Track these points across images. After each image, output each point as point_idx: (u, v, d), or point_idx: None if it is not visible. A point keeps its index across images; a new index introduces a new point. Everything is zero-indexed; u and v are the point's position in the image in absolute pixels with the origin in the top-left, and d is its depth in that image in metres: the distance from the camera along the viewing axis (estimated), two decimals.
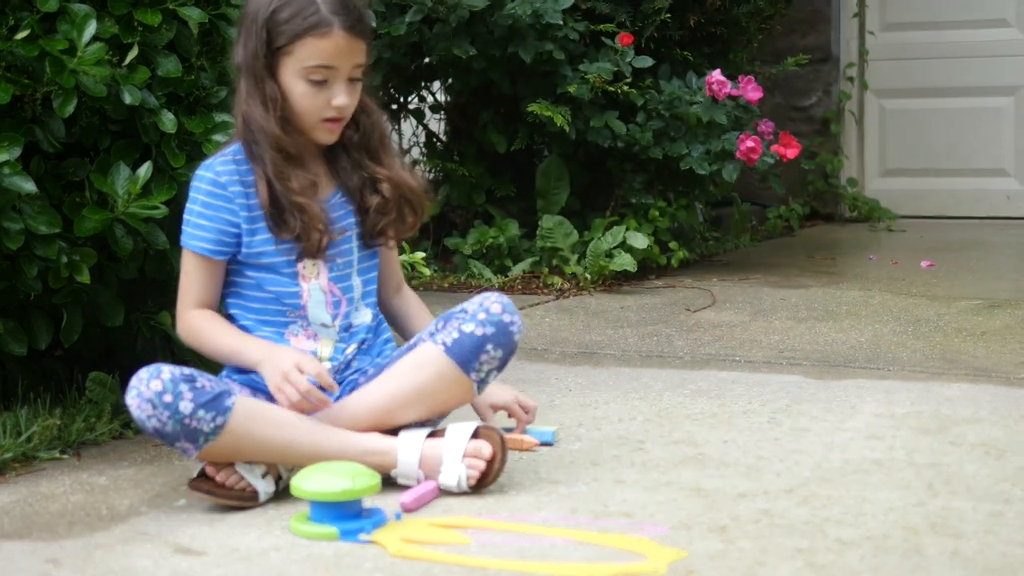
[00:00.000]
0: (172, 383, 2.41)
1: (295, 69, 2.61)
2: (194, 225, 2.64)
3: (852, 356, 3.83)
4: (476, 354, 2.64)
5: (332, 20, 2.59)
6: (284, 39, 2.60)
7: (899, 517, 2.36)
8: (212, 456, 2.48)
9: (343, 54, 2.61)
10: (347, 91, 2.64)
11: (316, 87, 2.61)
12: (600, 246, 5.10)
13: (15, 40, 2.83)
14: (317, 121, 2.65)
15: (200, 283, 2.66)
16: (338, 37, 2.59)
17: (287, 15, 2.59)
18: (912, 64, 7.51)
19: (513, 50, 5.23)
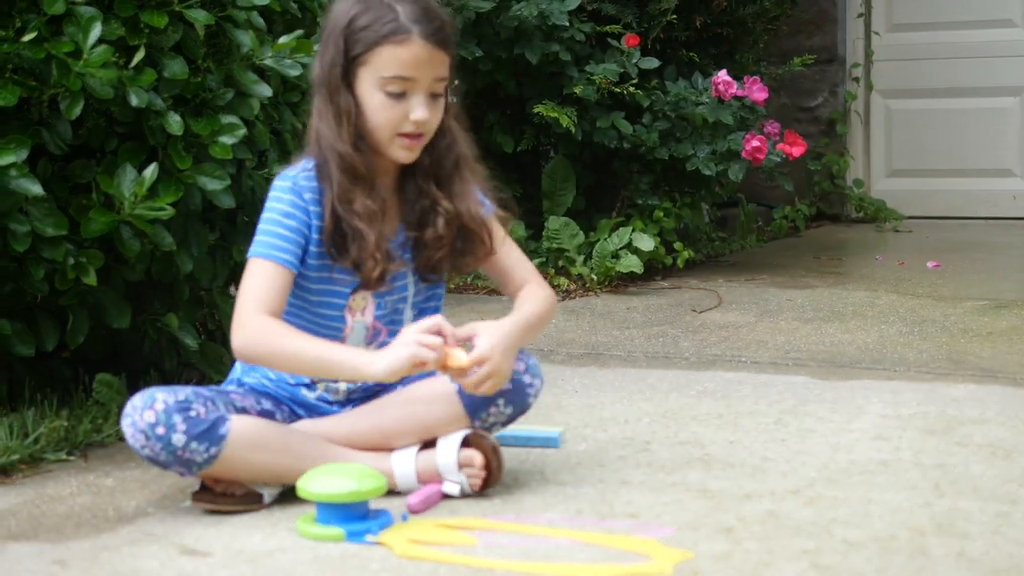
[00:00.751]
0: (165, 414, 2.38)
1: (372, 79, 2.48)
2: (272, 234, 2.50)
3: (858, 357, 3.83)
4: (487, 406, 2.62)
5: (411, 28, 2.46)
6: (361, 47, 2.48)
7: (905, 518, 2.36)
8: (208, 476, 2.48)
9: (422, 64, 2.47)
10: (427, 105, 2.49)
11: (393, 99, 2.48)
12: (606, 247, 5.10)
13: (22, 42, 2.83)
14: (393, 136, 2.51)
15: (272, 292, 2.47)
16: (417, 45, 2.46)
17: (365, 22, 2.48)
18: (918, 65, 7.51)
19: (519, 51, 5.24)
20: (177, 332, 3.21)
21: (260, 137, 3.24)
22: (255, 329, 2.43)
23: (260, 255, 2.49)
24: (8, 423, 2.89)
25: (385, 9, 2.48)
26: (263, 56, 3.20)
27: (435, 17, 2.50)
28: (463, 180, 2.62)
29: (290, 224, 2.51)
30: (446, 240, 2.60)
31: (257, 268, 2.49)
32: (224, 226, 3.37)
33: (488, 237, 2.63)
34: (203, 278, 3.25)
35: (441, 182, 2.60)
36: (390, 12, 2.47)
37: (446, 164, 2.60)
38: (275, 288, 2.48)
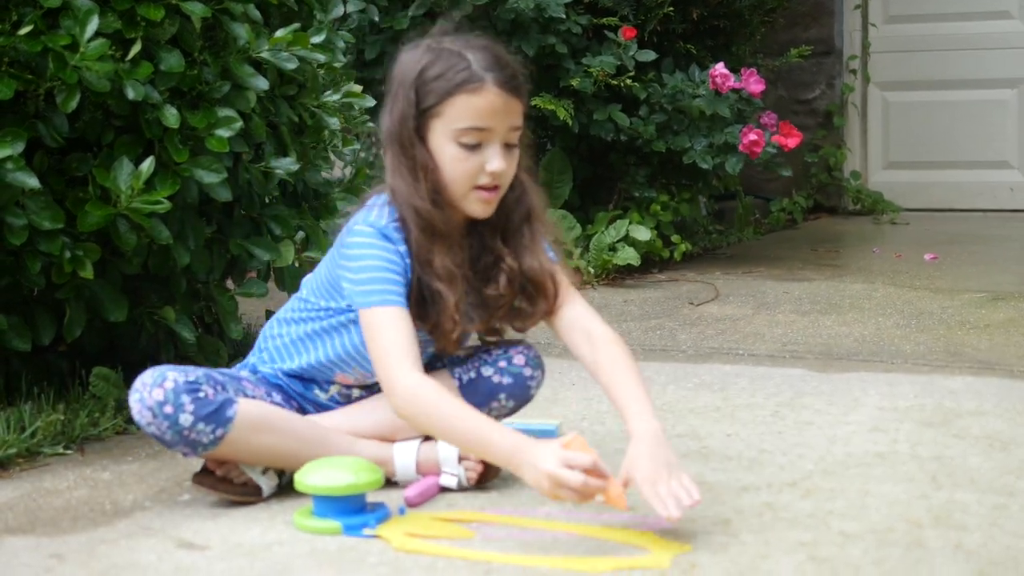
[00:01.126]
0: (174, 393, 2.37)
1: (446, 131, 2.39)
2: (384, 280, 2.39)
3: (855, 349, 3.83)
4: (488, 400, 2.64)
5: (484, 76, 2.37)
6: (434, 98, 2.39)
7: (902, 510, 2.36)
8: (212, 457, 2.48)
9: (497, 113, 2.38)
10: (501, 156, 2.39)
11: (468, 151, 2.38)
12: (603, 240, 5.10)
13: (18, 35, 2.82)
14: (468, 190, 2.41)
15: (409, 340, 2.36)
16: (491, 94, 2.37)
17: (436, 72, 2.39)
18: (915, 57, 7.51)
19: (516, 44, 5.23)
20: (174, 325, 3.20)
21: (257, 130, 3.24)
22: (411, 394, 2.31)
23: (381, 303, 2.38)
24: (5, 417, 2.89)
25: (456, 58, 2.40)
26: (260, 49, 3.19)
27: (507, 64, 2.42)
28: (532, 235, 2.52)
29: (395, 268, 2.40)
30: (507, 299, 2.52)
31: (384, 318, 2.37)
32: (221, 219, 3.37)
33: (552, 296, 2.54)
34: (200, 271, 3.25)
35: (508, 237, 2.51)
36: (462, 61, 2.39)
37: (514, 218, 2.51)
38: (408, 333, 2.36)
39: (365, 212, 2.47)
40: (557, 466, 2.16)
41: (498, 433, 2.26)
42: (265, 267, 3.51)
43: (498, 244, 2.50)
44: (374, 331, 2.37)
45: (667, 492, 2.18)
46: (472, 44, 2.43)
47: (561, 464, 2.17)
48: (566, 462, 2.17)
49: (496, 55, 2.42)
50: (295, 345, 2.61)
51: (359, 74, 5.09)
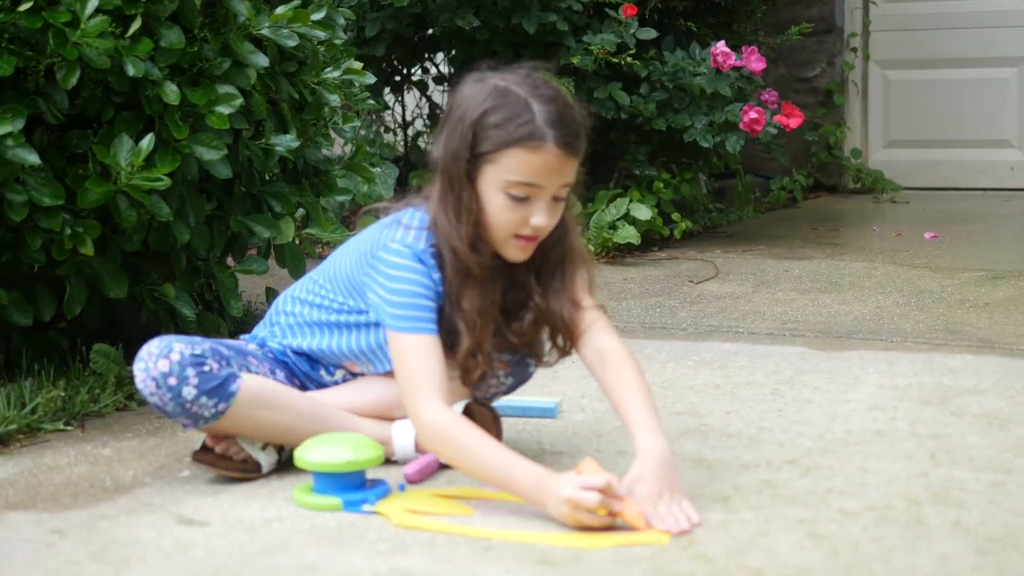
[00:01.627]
0: (179, 366, 2.37)
1: (496, 180, 2.34)
2: (417, 307, 2.38)
3: (855, 327, 3.84)
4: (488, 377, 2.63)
5: (547, 133, 2.31)
6: (490, 145, 2.33)
7: (901, 487, 2.37)
8: (212, 431, 2.48)
9: (552, 172, 2.33)
10: (548, 211, 2.36)
11: (516, 202, 2.34)
12: (603, 218, 5.10)
13: (18, 12, 2.82)
14: (509, 237, 2.38)
15: (437, 369, 2.35)
16: (550, 154, 2.32)
17: (498, 119, 2.33)
18: (916, 35, 7.49)
19: (516, 21, 5.22)
20: (174, 302, 3.21)
21: (257, 107, 3.24)
22: (436, 426, 2.30)
23: (412, 330, 2.37)
24: (5, 393, 2.89)
25: (521, 107, 2.34)
26: (260, 26, 3.19)
27: (571, 121, 2.36)
28: (564, 277, 2.49)
29: (428, 295, 2.39)
30: (529, 337, 2.51)
31: (414, 346, 2.36)
32: (221, 196, 3.36)
33: (570, 342, 2.51)
34: (200, 248, 3.25)
35: (541, 275, 2.49)
36: (526, 112, 2.33)
37: (551, 257, 2.48)
38: (437, 363, 2.35)
39: (403, 231, 2.43)
40: (574, 491, 2.17)
41: (522, 468, 2.24)
42: (265, 244, 3.51)
43: (531, 281, 2.48)
44: (404, 358, 2.36)
45: (666, 512, 2.20)
46: (540, 93, 2.37)
47: (578, 488, 2.17)
48: (582, 485, 2.17)
49: (561, 110, 2.36)
50: (309, 327, 2.61)
51: (359, 51, 5.10)
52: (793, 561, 2.03)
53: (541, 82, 2.40)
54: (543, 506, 2.21)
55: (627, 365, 2.44)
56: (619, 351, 2.47)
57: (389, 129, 6.23)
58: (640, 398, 2.38)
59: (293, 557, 2.10)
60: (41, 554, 2.14)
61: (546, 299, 2.48)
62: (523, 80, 2.39)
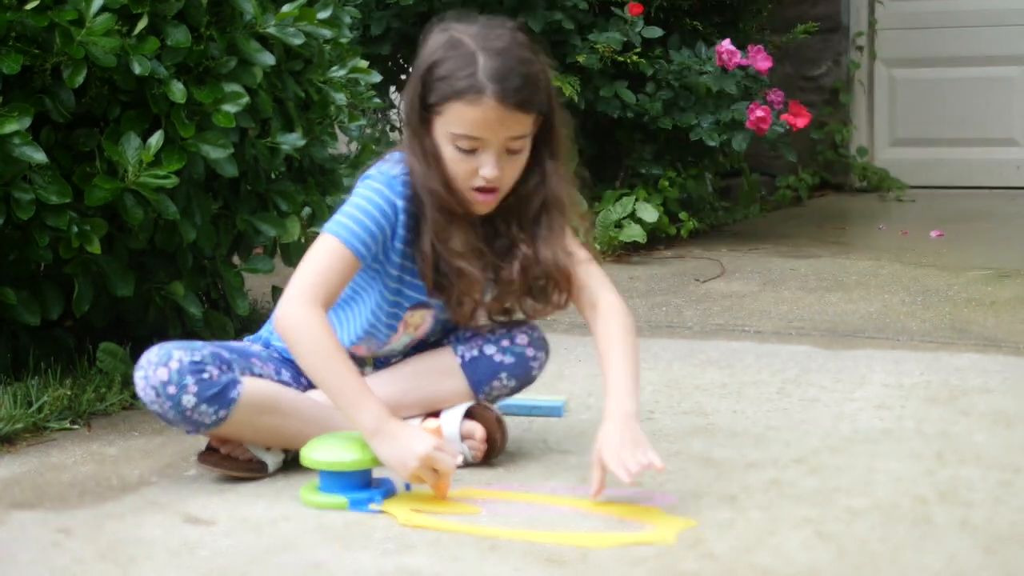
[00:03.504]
0: (178, 374, 2.37)
1: (443, 132, 2.39)
2: (356, 220, 2.40)
3: (861, 326, 3.83)
4: (490, 379, 2.64)
5: (486, 87, 2.33)
6: (435, 97, 2.37)
7: (908, 486, 2.37)
8: (214, 436, 2.49)
9: (491, 126, 2.35)
10: (498, 163, 2.37)
11: (464, 154, 2.38)
12: (609, 217, 5.09)
13: (25, 11, 2.82)
14: (467, 188, 2.41)
15: (334, 278, 2.37)
16: (487, 107, 2.33)
17: (443, 72, 2.36)
18: (922, 33, 7.48)
19: (522, 19, 5.21)
20: (181, 301, 3.21)
21: (263, 105, 3.24)
22: (300, 320, 2.34)
23: (337, 235, 2.39)
24: (12, 392, 2.89)
25: (466, 60, 2.36)
26: (266, 24, 3.19)
27: (516, 75, 2.35)
28: (550, 225, 2.49)
29: (376, 218, 2.41)
30: (518, 285, 2.51)
31: (329, 247, 2.39)
32: (227, 195, 3.36)
33: (566, 291, 2.52)
34: (206, 247, 3.25)
35: (524, 224, 2.49)
36: (470, 65, 2.35)
37: (531, 205, 2.48)
38: (339, 272, 2.38)
39: (382, 162, 2.49)
40: (434, 451, 2.26)
41: (371, 399, 2.32)
42: (271, 243, 3.51)
43: (513, 230, 2.50)
44: (313, 250, 2.41)
45: (629, 457, 2.26)
46: (491, 45, 2.38)
47: (436, 449, 2.27)
48: (439, 447, 2.27)
49: (507, 63, 2.36)
50: None
51: (365, 50, 5.09)
52: (800, 560, 2.03)
53: (499, 34, 2.42)
54: (378, 438, 2.29)
55: (616, 323, 2.50)
56: (612, 307, 2.52)
57: (395, 128, 6.23)
58: (620, 361, 2.44)
59: (299, 556, 2.10)
60: (47, 553, 2.14)
61: (534, 247, 2.49)
62: (479, 32, 2.42)
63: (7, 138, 2.76)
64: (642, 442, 2.30)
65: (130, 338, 3.24)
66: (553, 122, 2.47)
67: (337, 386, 2.32)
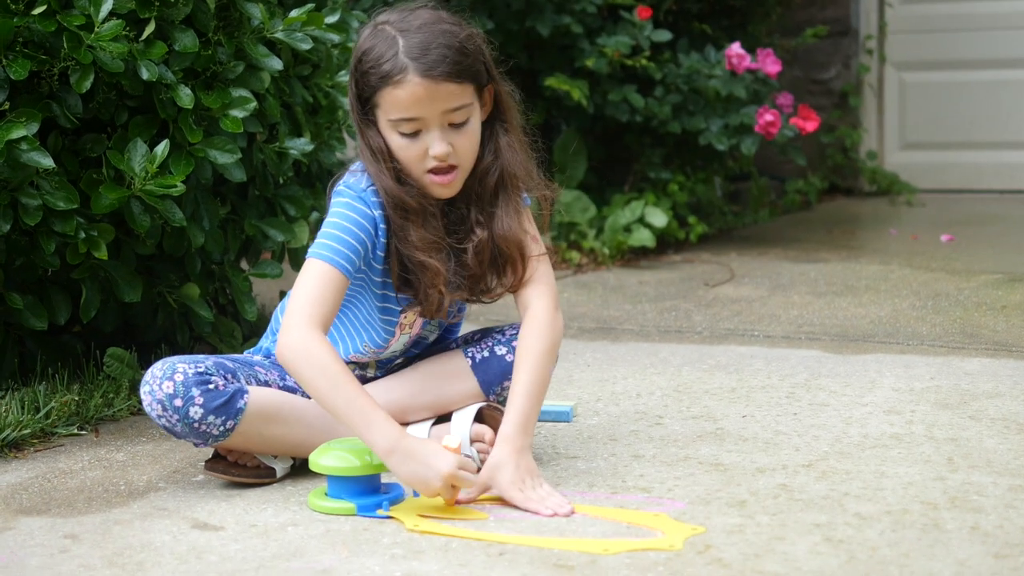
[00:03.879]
0: (184, 386, 2.37)
1: (384, 122, 2.40)
2: (337, 239, 2.40)
3: (871, 331, 3.82)
4: (500, 379, 2.64)
5: (407, 66, 2.33)
6: (368, 91, 2.39)
7: (918, 492, 2.36)
8: (223, 447, 2.48)
9: (422, 102, 2.35)
10: (443, 139, 2.38)
11: (409, 138, 2.39)
12: (618, 221, 5.09)
13: (32, 15, 2.82)
14: (422, 174, 2.42)
15: (327, 299, 2.36)
16: (413, 84, 2.34)
17: (368, 63, 2.37)
18: (932, 37, 7.47)
19: (530, 24, 5.22)
20: (194, 304, 3.20)
21: (271, 110, 3.24)
22: (303, 346, 2.31)
23: (322, 258, 2.39)
24: (20, 397, 2.89)
25: (387, 44, 2.36)
26: (274, 29, 3.19)
27: (436, 46, 2.35)
28: (506, 201, 2.50)
29: (356, 234, 2.42)
30: (473, 269, 2.50)
31: (316, 271, 2.39)
32: (235, 200, 3.36)
33: (522, 266, 2.52)
34: (214, 252, 3.25)
35: (482, 203, 2.50)
36: (391, 48, 2.36)
37: (488, 183, 2.49)
38: (331, 294, 2.38)
39: (348, 175, 2.49)
40: (456, 470, 2.25)
41: (383, 418, 2.28)
42: (279, 248, 3.51)
43: (472, 213, 2.50)
44: (302, 279, 2.40)
45: (541, 496, 2.31)
46: (410, 24, 2.39)
47: (459, 468, 2.26)
48: (462, 466, 2.27)
49: (426, 39, 2.36)
50: None
51: None
52: (810, 566, 2.02)
53: (419, 14, 2.41)
54: (396, 457, 2.26)
55: (535, 338, 2.48)
56: (537, 318, 2.51)
57: None
58: (526, 379, 2.44)
59: (307, 562, 2.10)
60: (55, 559, 2.14)
61: (489, 227, 2.50)
62: (399, 16, 2.41)
63: (15, 143, 2.76)
64: (536, 472, 2.37)
65: (138, 343, 3.24)
66: (500, 95, 2.49)
67: (345, 409, 2.29)
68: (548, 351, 2.48)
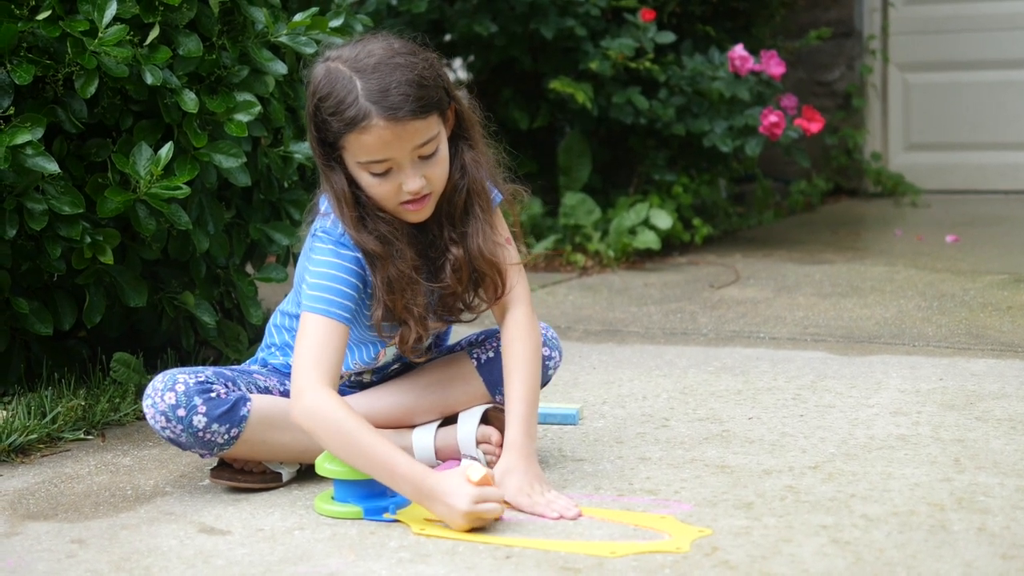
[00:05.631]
0: (186, 396, 2.37)
1: (353, 163, 2.37)
2: (329, 290, 2.39)
3: (877, 332, 3.82)
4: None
5: (370, 111, 2.29)
6: (331, 136, 2.35)
7: (925, 493, 2.35)
8: (228, 456, 2.48)
9: (391, 144, 2.32)
10: (415, 174, 2.35)
11: (380, 177, 2.36)
12: (623, 223, 5.09)
13: (37, 21, 2.83)
14: (396, 206, 2.39)
15: (332, 354, 2.35)
16: (380, 128, 2.30)
17: (328, 110, 2.33)
18: (935, 38, 7.47)
19: (534, 27, 5.22)
20: (194, 310, 3.20)
21: (275, 114, 3.24)
22: (318, 408, 2.29)
23: (318, 311, 2.37)
24: (26, 402, 2.90)
25: (345, 89, 2.32)
26: (278, 33, 3.19)
27: (396, 87, 2.31)
28: (475, 217, 2.49)
29: (347, 280, 2.40)
30: (453, 287, 2.49)
31: (315, 326, 2.36)
32: (240, 204, 3.37)
33: (500, 281, 2.51)
34: (219, 256, 3.25)
35: (455, 223, 2.49)
36: (350, 93, 2.31)
37: (458, 200, 2.48)
38: (333, 347, 2.36)
39: (323, 219, 2.45)
40: (474, 507, 2.21)
41: (403, 465, 2.25)
42: (284, 251, 3.51)
43: (444, 234, 2.48)
44: (304, 337, 2.37)
45: (548, 501, 2.32)
46: (365, 64, 2.34)
47: (476, 503, 2.21)
48: (481, 498, 2.22)
49: (383, 79, 2.32)
50: None
51: None
52: (817, 567, 2.02)
53: (370, 50, 2.36)
54: (426, 504, 2.24)
55: (520, 345, 2.49)
56: (518, 323, 2.52)
57: None
58: (521, 388, 2.46)
59: (314, 565, 2.10)
60: (62, 564, 2.14)
61: (463, 244, 2.48)
62: (351, 53, 2.37)
63: (20, 148, 2.76)
64: (543, 478, 2.39)
65: (143, 348, 3.24)
66: (461, 112, 2.46)
67: (368, 464, 2.27)
68: (536, 353, 2.50)
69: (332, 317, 2.37)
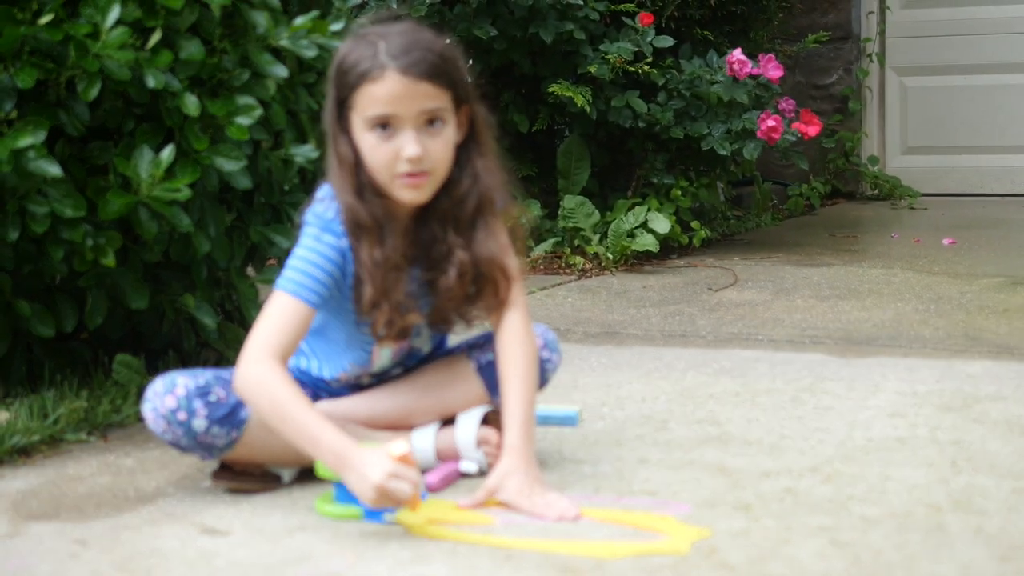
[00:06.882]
0: (186, 399, 2.38)
1: (359, 122, 2.38)
2: (302, 271, 2.41)
3: (875, 334, 3.83)
4: None
5: (387, 63, 2.33)
6: (347, 90, 2.38)
7: (922, 495, 2.37)
8: (228, 459, 2.49)
9: (400, 99, 2.34)
10: (417, 140, 2.36)
11: (382, 139, 2.37)
12: (622, 226, 5.10)
13: (39, 24, 2.83)
14: (392, 177, 2.38)
15: (288, 332, 2.37)
16: (391, 80, 2.33)
17: (348, 64, 2.38)
18: (932, 41, 7.49)
19: (533, 30, 5.23)
20: (195, 312, 3.21)
21: (276, 118, 3.24)
22: (255, 376, 2.33)
23: (287, 289, 2.40)
24: (28, 404, 2.90)
25: (369, 48, 2.37)
26: (279, 37, 3.20)
27: (417, 49, 2.36)
28: (486, 225, 2.49)
29: (323, 264, 2.41)
30: (456, 292, 2.49)
31: (280, 303, 2.39)
32: (241, 207, 3.37)
33: (504, 288, 2.51)
34: (220, 259, 3.26)
35: (461, 227, 2.48)
36: (370, 49, 2.37)
37: (467, 207, 2.47)
38: (293, 325, 2.38)
39: (316, 204, 2.47)
40: (386, 480, 2.20)
41: (329, 434, 2.27)
42: (285, 254, 3.51)
43: (450, 235, 2.48)
44: (268, 311, 2.40)
45: (548, 502, 2.33)
46: (391, 31, 2.40)
47: (390, 477, 2.20)
48: (395, 475, 2.21)
49: (408, 41, 2.38)
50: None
51: None
52: (815, 569, 2.03)
53: (400, 25, 2.43)
54: (343, 474, 2.25)
55: (518, 349, 2.50)
56: (514, 328, 2.52)
57: None
58: (519, 391, 2.47)
59: (315, 566, 2.11)
60: (64, 564, 2.15)
61: (470, 249, 2.48)
62: (382, 25, 2.43)
63: (22, 152, 2.77)
64: (543, 482, 2.40)
65: (145, 350, 3.25)
66: (476, 118, 2.48)
67: (296, 433, 2.29)
68: (532, 357, 2.51)
69: (299, 298, 2.39)
